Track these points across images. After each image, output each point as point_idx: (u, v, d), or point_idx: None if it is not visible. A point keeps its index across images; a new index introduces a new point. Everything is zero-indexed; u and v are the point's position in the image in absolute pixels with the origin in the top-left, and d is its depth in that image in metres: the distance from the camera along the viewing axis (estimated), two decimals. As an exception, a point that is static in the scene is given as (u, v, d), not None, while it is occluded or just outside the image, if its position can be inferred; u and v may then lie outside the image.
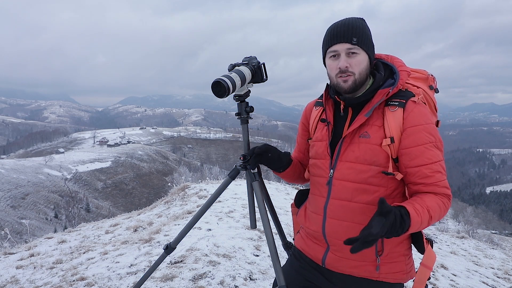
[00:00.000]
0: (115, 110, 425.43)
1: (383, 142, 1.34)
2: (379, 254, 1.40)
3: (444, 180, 1.33)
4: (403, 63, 1.46)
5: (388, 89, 1.37)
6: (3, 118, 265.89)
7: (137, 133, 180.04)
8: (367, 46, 1.37)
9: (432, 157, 1.31)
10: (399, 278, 1.43)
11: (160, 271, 3.29)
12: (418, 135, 1.32)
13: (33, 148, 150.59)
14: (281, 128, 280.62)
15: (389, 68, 1.45)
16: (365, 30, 1.38)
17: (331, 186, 1.45)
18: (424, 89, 1.48)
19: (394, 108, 1.36)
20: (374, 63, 1.46)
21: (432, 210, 1.25)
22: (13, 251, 4.49)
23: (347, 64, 1.36)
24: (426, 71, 1.53)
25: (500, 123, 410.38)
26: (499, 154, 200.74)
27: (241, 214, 5.46)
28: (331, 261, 1.47)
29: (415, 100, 1.36)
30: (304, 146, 1.70)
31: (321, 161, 1.51)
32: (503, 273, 5.20)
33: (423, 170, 1.31)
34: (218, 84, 1.42)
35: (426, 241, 1.43)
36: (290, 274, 1.61)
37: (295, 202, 1.75)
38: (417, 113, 1.34)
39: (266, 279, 3.29)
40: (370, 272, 1.41)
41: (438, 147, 1.34)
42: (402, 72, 1.41)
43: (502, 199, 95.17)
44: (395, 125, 1.34)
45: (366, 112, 1.37)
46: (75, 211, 58.75)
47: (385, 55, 1.51)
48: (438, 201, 1.29)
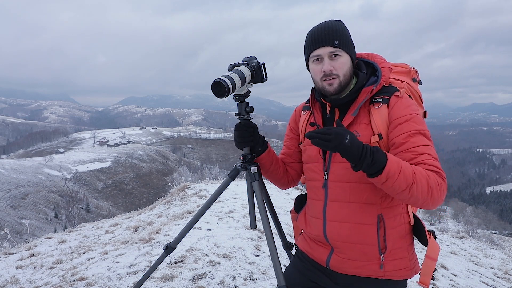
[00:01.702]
0: (115, 110, 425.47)
1: (372, 139, 1.37)
2: (383, 252, 1.39)
3: (433, 160, 1.26)
4: (384, 60, 1.49)
5: (371, 87, 1.40)
6: (3, 118, 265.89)
7: (137, 133, 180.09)
8: (348, 48, 1.40)
9: (417, 142, 1.28)
10: (404, 275, 1.43)
11: (160, 271, 3.29)
12: (403, 125, 1.32)
13: (33, 148, 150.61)
14: (281, 128, 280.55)
15: (371, 66, 1.48)
16: (345, 32, 1.40)
17: (327, 189, 1.45)
18: (408, 82, 1.51)
19: (378, 105, 1.39)
20: (356, 62, 1.49)
21: (418, 171, 1.19)
22: (13, 251, 4.49)
23: (331, 67, 1.38)
24: (407, 65, 1.56)
25: (500, 123, 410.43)
26: (499, 154, 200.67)
27: (241, 214, 5.46)
28: (336, 262, 1.47)
29: (398, 94, 1.38)
30: (291, 149, 1.71)
31: (315, 164, 1.51)
32: (503, 273, 5.20)
33: (407, 154, 1.28)
34: (218, 84, 1.42)
35: (428, 232, 1.44)
36: (294, 275, 1.61)
37: (294, 208, 1.75)
38: (401, 105, 1.36)
39: (266, 279, 3.29)
40: (374, 271, 1.41)
41: (425, 135, 1.32)
42: (384, 69, 1.44)
43: (502, 199, 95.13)
44: (381, 121, 1.37)
45: (352, 111, 1.39)
46: (75, 211, 58.71)
47: (366, 54, 1.54)
48: (427, 171, 1.22)
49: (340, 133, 1.14)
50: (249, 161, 1.65)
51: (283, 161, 1.74)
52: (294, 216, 1.75)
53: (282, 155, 1.75)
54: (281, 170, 1.71)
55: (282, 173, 1.71)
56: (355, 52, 1.47)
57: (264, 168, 1.70)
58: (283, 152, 1.75)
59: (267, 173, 1.71)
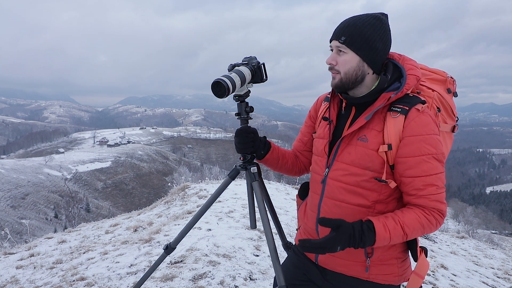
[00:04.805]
0: (115, 110, 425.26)
1: (380, 148, 1.30)
2: (369, 256, 1.38)
3: (438, 194, 1.27)
4: (414, 66, 1.36)
5: (390, 93, 1.30)
6: (3, 118, 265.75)
7: (137, 133, 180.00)
8: (357, 47, 1.31)
9: (428, 170, 1.26)
10: (390, 280, 1.41)
11: (160, 271, 3.29)
12: (416, 145, 1.26)
13: (33, 148, 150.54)
14: (281, 128, 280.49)
15: (398, 70, 1.37)
16: (362, 30, 1.30)
17: (325, 185, 1.45)
18: (441, 92, 1.40)
19: (396, 114, 1.29)
20: (385, 63, 1.39)
21: (409, 227, 1.23)
22: (13, 251, 4.49)
23: (333, 61, 1.36)
24: (445, 73, 1.46)
25: (500, 123, 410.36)
26: (499, 154, 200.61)
27: (241, 214, 5.46)
28: (323, 258, 1.49)
29: (419, 108, 1.28)
30: (306, 136, 1.69)
31: (319, 158, 1.51)
32: (503, 273, 5.20)
33: (416, 181, 1.27)
34: (218, 84, 1.42)
35: (420, 249, 1.40)
36: (289, 269, 1.63)
37: (299, 194, 1.73)
38: (419, 122, 1.27)
39: (266, 279, 3.29)
40: (359, 272, 1.41)
41: (439, 159, 1.27)
42: (410, 77, 1.32)
43: (502, 199, 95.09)
44: (395, 132, 1.29)
45: (366, 115, 1.33)
46: (75, 211, 58.66)
47: (398, 55, 1.42)
48: (422, 217, 1.25)
49: (333, 248, 1.20)
50: (249, 161, 1.65)
51: (297, 148, 1.73)
52: (299, 202, 1.73)
53: (297, 141, 1.74)
54: (290, 163, 1.71)
55: (291, 166, 1.72)
56: (374, 54, 1.32)
57: (271, 166, 1.71)
58: (298, 139, 1.73)
59: (275, 169, 1.73)
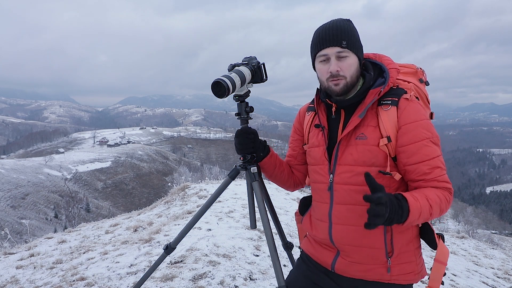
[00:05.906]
0: (115, 110, 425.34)
1: (380, 142, 1.34)
2: (389, 255, 1.37)
3: (444, 175, 1.32)
4: (391, 61, 1.46)
5: (379, 88, 1.36)
6: (3, 118, 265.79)
7: (137, 133, 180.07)
8: (356, 49, 1.36)
9: (429, 153, 1.30)
10: (411, 279, 1.41)
11: (160, 271, 3.29)
12: (414, 132, 1.31)
13: (33, 148, 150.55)
14: (281, 128, 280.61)
15: (378, 67, 1.45)
16: (353, 32, 1.37)
17: (332, 192, 1.43)
18: (415, 83, 1.48)
19: (387, 107, 1.35)
20: (363, 63, 1.45)
21: (431, 199, 1.24)
22: (13, 251, 4.49)
23: (338, 68, 1.35)
24: (414, 65, 1.54)
25: (500, 123, 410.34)
26: (499, 154, 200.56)
27: (241, 214, 5.46)
28: (341, 266, 1.44)
29: (407, 97, 1.35)
30: (295, 150, 1.69)
31: (320, 166, 1.49)
32: (503, 273, 5.21)
33: (422, 167, 1.30)
34: (218, 84, 1.42)
35: (437, 236, 1.41)
36: (298, 278, 1.59)
37: (299, 210, 1.72)
38: (411, 110, 1.33)
39: (266, 279, 3.28)
40: (381, 274, 1.39)
41: (435, 142, 1.33)
42: (392, 70, 1.40)
43: (502, 199, 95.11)
44: (390, 123, 1.34)
45: (359, 113, 1.36)
46: (75, 211, 58.68)
47: (373, 54, 1.51)
48: (438, 193, 1.28)
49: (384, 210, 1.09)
50: (249, 161, 1.65)
51: (289, 163, 1.72)
52: (299, 219, 1.71)
53: (287, 157, 1.74)
54: (286, 173, 1.69)
55: (287, 176, 1.70)
56: (363, 53, 1.43)
57: (268, 172, 1.69)
58: (289, 154, 1.73)
59: (271, 177, 1.71)
